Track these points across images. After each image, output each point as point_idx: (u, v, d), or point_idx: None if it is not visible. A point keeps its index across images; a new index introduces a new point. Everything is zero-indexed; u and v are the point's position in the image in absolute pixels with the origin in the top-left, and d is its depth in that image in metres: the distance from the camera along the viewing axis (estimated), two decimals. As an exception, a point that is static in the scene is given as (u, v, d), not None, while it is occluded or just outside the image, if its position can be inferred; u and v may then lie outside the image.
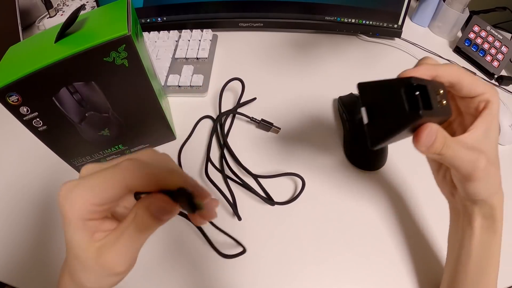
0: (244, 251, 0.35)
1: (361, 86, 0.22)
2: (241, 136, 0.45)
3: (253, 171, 0.41)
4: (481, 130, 0.25)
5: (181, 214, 0.25)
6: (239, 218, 0.38)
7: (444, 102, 0.22)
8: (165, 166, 0.21)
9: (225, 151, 0.43)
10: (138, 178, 0.19)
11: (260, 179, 0.41)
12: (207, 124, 0.47)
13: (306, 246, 0.36)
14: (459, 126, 0.28)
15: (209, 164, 0.42)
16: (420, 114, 0.19)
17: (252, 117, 0.46)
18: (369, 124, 0.21)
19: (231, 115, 0.48)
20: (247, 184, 0.40)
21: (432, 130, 0.22)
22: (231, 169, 0.42)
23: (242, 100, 0.49)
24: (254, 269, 0.35)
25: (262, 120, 0.45)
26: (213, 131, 0.45)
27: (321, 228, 0.38)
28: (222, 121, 0.46)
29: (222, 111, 0.47)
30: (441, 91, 0.22)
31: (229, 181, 0.41)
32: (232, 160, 0.43)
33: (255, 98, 0.49)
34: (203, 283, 0.34)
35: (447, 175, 0.28)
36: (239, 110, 0.48)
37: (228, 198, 0.39)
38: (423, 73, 0.24)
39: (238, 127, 0.47)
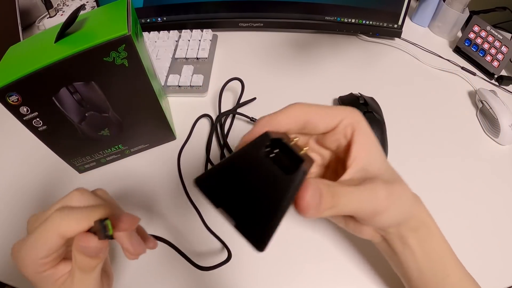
0: (229, 259, 0.33)
1: (200, 182, 0.16)
2: (241, 136, 0.45)
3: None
4: (362, 157, 0.22)
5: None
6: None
7: (304, 149, 0.19)
8: (92, 202, 0.23)
9: (225, 151, 0.43)
10: (67, 226, 0.20)
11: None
12: (207, 124, 0.47)
13: (302, 247, 0.36)
14: (338, 167, 0.25)
15: (209, 165, 0.42)
16: (305, 170, 0.15)
17: (252, 117, 0.46)
18: (240, 225, 0.15)
19: (231, 115, 0.48)
20: None
21: (314, 186, 0.17)
22: None
23: (242, 100, 0.49)
24: (241, 275, 0.35)
25: None
26: (213, 131, 0.45)
27: (319, 229, 0.38)
28: (222, 121, 0.46)
29: (222, 111, 0.47)
30: (295, 139, 0.19)
31: None
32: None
33: (254, 98, 0.49)
34: None
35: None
36: (239, 110, 0.48)
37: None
38: (260, 131, 0.19)
39: (238, 127, 0.47)
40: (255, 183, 0.15)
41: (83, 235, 0.20)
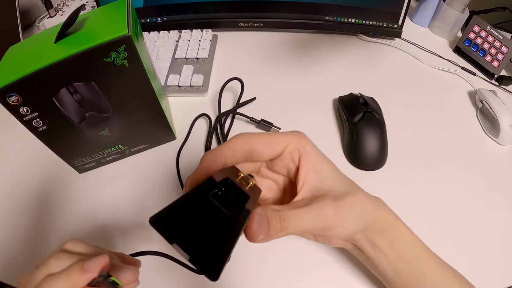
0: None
1: (155, 221, 0.17)
2: None
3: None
4: (310, 178, 0.23)
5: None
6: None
7: (251, 182, 0.20)
8: (73, 261, 0.23)
9: None
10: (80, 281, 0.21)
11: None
12: (206, 124, 0.47)
13: (307, 247, 0.36)
14: (293, 189, 0.25)
15: None
16: (249, 210, 0.16)
17: (252, 117, 0.46)
18: (194, 258, 0.16)
19: (230, 115, 0.48)
20: None
21: (260, 216, 0.19)
22: None
23: (242, 100, 0.49)
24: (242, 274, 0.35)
25: (262, 120, 0.45)
26: (212, 131, 0.45)
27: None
28: (222, 121, 0.46)
29: (222, 111, 0.47)
30: (241, 174, 0.20)
31: None
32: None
33: (254, 98, 0.49)
34: None
35: None
36: (238, 110, 0.48)
37: None
38: (210, 167, 0.21)
39: (238, 127, 0.47)
40: (204, 222, 0.16)
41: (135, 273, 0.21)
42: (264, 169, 0.26)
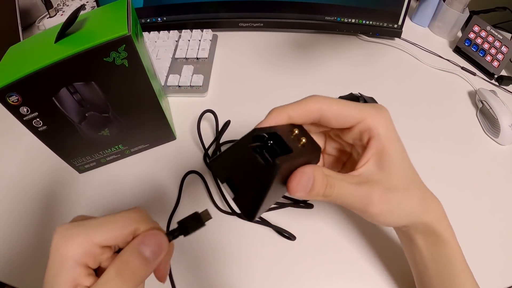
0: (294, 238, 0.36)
1: (212, 163, 0.20)
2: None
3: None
4: (371, 163, 0.22)
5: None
6: (293, 238, 0.37)
7: (304, 139, 0.20)
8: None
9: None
10: (146, 223, 0.19)
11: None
12: (210, 123, 0.47)
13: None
14: (353, 161, 0.26)
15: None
16: (277, 163, 0.17)
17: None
18: (236, 198, 0.18)
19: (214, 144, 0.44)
20: (275, 206, 0.39)
21: (304, 176, 0.19)
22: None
23: (241, 102, 0.48)
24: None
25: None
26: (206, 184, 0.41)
27: (334, 224, 0.38)
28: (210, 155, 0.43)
29: (206, 143, 0.44)
30: (296, 131, 0.20)
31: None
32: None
33: (229, 121, 0.45)
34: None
35: None
36: (222, 140, 0.44)
37: (271, 225, 0.37)
38: (273, 121, 0.22)
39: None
40: (246, 169, 0.18)
41: (154, 231, 0.19)
42: (334, 132, 0.26)
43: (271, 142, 0.19)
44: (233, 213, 0.38)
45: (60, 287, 0.17)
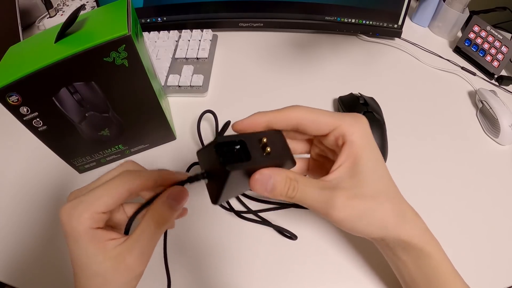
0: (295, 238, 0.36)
1: (197, 152, 0.23)
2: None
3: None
4: (343, 168, 0.23)
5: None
6: (295, 237, 0.37)
7: (269, 149, 0.22)
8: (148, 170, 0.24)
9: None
10: (137, 183, 0.22)
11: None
12: (209, 123, 0.47)
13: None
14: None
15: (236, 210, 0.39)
16: (227, 169, 0.20)
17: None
18: (208, 184, 0.22)
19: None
20: (278, 204, 0.39)
21: (263, 176, 0.21)
22: (251, 197, 0.40)
23: (239, 105, 0.48)
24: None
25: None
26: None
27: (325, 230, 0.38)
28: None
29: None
30: (264, 139, 0.22)
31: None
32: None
33: (228, 122, 0.45)
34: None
35: None
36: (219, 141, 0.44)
37: (272, 225, 0.37)
38: (252, 123, 0.23)
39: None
40: (214, 165, 0.21)
41: (176, 187, 0.22)
42: (316, 140, 0.27)
43: (238, 147, 0.22)
44: (230, 209, 0.38)
45: (96, 258, 0.20)
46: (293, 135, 0.26)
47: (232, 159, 0.21)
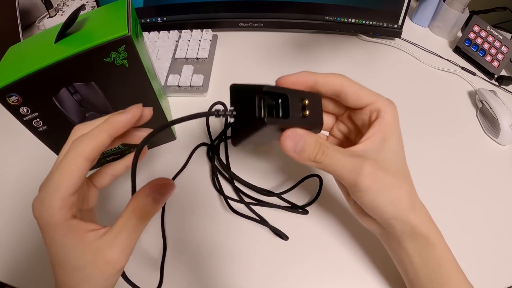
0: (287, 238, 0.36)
1: (232, 87, 0.22)
2: (242, 156, 0.44)
3: (268, 187, 0.40)
4: (372, 140, 0.24)
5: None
6: (286, 238, 0.37)
7: (307, 112, 0.22)
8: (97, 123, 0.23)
9: (236, 183, 0.41)
10: (89, 144, 0.21)
11: (283, 195, 0.39)
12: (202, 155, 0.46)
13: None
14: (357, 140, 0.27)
15: (229, 200, 0.39)
16: (265, 121, 0.19)
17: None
18: (234, 123, 0.22)
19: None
20: (274, 204, 0.39)
21: (294, 135, 0.21)
22: (250, 196, 0.40)
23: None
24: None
25: None
26: (215, 173, 0.41)
27: (345, 223, 0.38)
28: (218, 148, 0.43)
29: (213, 135, 0.44)
30: (306, 101, 0.22)
31: (253, 206, 0.39)
32: (244, 187, 0.40)
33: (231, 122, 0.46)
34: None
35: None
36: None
37: (268, 223, 0.37)
38: (299, 80, 0.23)
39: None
40: (249, 109, 0.20)
41: (160, 178, 0.21)
42: (346, 114, 0.28)
43: (280, 100, 0.21)
44: (223, 196, 0.38)
45: (75, 252, 0.19)
46: (328, 104, 0.27)
47: (271, 111, 0.21)
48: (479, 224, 0.38)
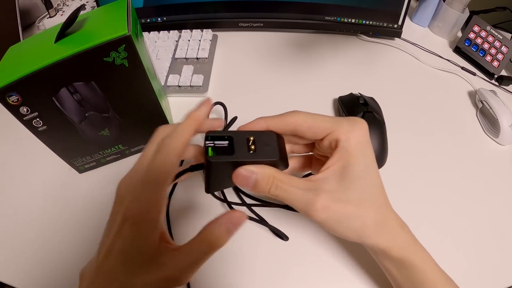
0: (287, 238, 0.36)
1: (206, 135, 0.24)
2: None
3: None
4: (332, 170, 0.24)
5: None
6: (286, 238, 0.36)
7: (253, 147, 0.23)
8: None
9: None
10: (179, 147, 0.22)
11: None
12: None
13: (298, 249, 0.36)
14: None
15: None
16: (210, 160, 0.22)
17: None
18: (204, 173, 0.24)
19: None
20: (274, 204, 0.38)
21: (246, 171, 0.22)
22: (250, 196, 0.40)
23: (241, 103, 0.48)
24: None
25: None
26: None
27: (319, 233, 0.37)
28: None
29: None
30: (252, 138, 0.24)
31: (254, 207, 0.39)
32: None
33: (235, 117, 0.46)
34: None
35: None
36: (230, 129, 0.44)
37: (268, 223, 0.37)
38: (254, 127, 0.25)
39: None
40: (204, 157, 0.23)
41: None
42: (317, 143, 0.28)
43: (227, 143, 0.23)
44: (224, 200, 0.39)
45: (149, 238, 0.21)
46: (294, 139, 0.27)
47: (220, 152, 0.23)
48: (479, 224, 0.38)
